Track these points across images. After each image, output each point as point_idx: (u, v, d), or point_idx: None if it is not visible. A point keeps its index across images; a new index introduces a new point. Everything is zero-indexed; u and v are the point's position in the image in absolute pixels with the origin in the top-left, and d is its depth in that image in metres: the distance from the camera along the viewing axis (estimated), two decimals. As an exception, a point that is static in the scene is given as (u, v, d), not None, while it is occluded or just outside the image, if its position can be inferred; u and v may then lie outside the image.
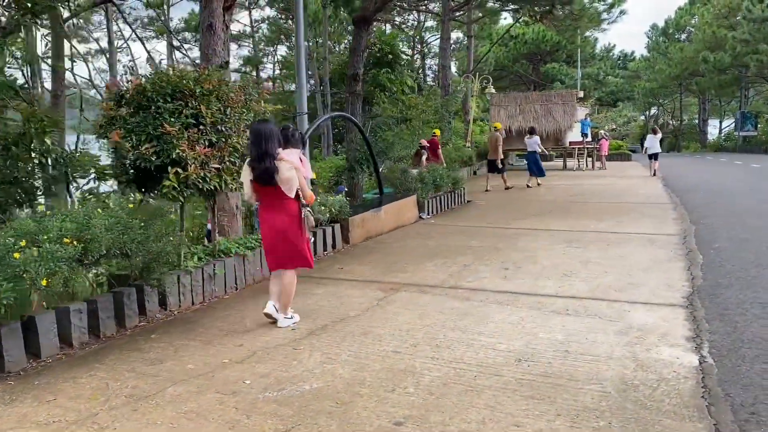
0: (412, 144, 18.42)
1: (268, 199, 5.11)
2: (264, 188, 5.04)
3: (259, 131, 4.98)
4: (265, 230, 5.18)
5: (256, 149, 4.94)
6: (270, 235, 5.15)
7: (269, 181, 4.96)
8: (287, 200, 5.06)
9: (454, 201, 13.58)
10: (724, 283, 6.26)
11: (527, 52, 52.68)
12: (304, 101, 10.25)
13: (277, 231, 5.10)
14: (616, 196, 14.72)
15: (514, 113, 26.23)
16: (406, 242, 9.10)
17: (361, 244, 9.06)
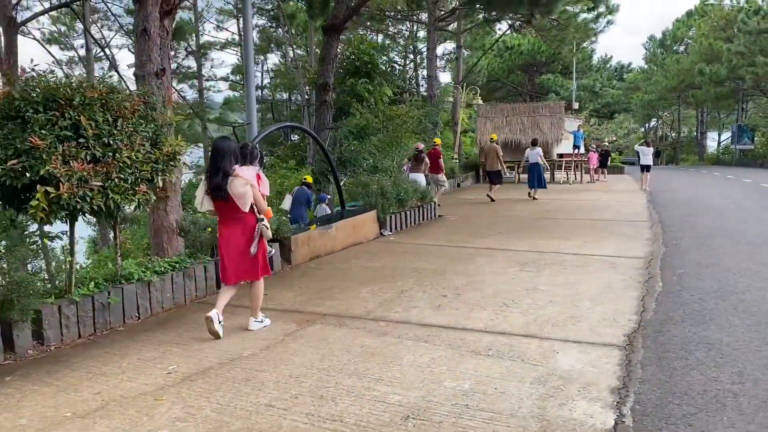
0: (390, 155, 17.89)
1: (224, 213, 5.33)
2: (219, 203, 5.26)
3: (216, 147, 5.28)
4: (223, 244, 5.40)
5: (212, 164, 5.21)
6: (227, 249, 5.37)
7: (221, 196, 5.18)
8: (242, 214, 5.26)
9: (424, 216, 13.00)
10: (675, 317, 5.66)
11: (522, 63, 52.26)
12: (253, 111, 9.70)
13: (234, 245, 5.33)
14: (594, 212, 14.12)
15: (501, 125, 25.71)
16: (351, 263, 8.50)
17: (304, 265, 8.47)
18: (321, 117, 14.69)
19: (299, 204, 12.65)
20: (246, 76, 9.72)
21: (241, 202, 5.17)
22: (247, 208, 5.23)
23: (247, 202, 5.19)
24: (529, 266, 8.03)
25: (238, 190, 5.13)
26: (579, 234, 10.80)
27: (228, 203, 5.21)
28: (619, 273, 7.56)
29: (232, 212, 5.26)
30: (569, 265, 8.09)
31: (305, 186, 12.93)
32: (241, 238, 5.31)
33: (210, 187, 5.20)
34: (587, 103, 50.44)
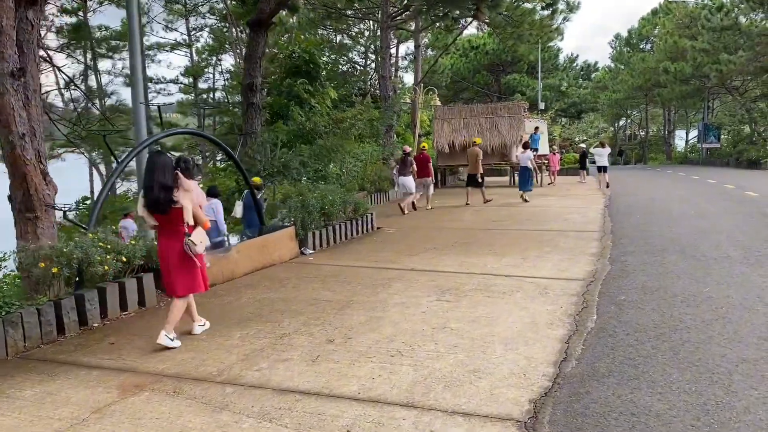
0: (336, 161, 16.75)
1: (163, 225, 5.44)
2: (158, 216, 5.38)
3: (153, 162, 5.38)
4: (161, 255, 5.55)
5: (147, 179, 5.32)
6: (166, 262, 5.51)
7: (159, 209, 5.31)
8: (179, 227, 5.40)
9: (358, 229, 11.84)
10: (601, 368, 4.56)
11: (488, 63, 51.53)
12: (141, 114, 8.45)
13: (169, 256, 5.45)
14: (544, 221, 13.07)
15: (459, 127, 24.65)
16: (243, 295, 7.29)
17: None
18: (249, 121, 13.50)
19: (250, 208, 11.53)
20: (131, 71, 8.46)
21: (185, 216, 5.36)
22: (191, 221, 5.38)
23: (190, 214, 5.37)
24: (449, 294, 6.89)
25: (184, 203, 5.33)
26: (520, 248, 9.73)
27: (167, 216, 5.36)
28: (550, 302, 6.46)
29: (169, 224, 5.41)
30: (495, 291, 6.98)
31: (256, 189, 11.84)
32: (174, 250, 5.41)
33: (147, 202, 5.31)
34: (553, 103, 49.83)
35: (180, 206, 5.31)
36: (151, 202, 5.27)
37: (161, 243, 5.50)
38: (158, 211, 5.31)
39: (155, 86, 33.83)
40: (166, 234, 5.45)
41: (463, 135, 24.39)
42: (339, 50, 35.69)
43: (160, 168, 5.29)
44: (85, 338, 5.67)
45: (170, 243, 5.41)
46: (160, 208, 5.28)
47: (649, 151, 60.30)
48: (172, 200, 5.28)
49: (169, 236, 5.43)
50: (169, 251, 5.42)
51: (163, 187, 5.24)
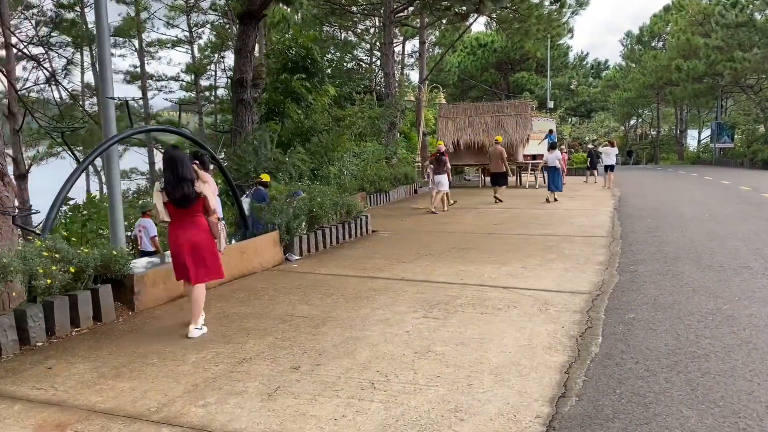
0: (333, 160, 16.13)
1: (180, 217, 5.63)
2: (177, 210, 5.59)
3: (174, 158, 5.52)
4: (180, 245, 5.64)
5: (173, 175, 5.48)
6: (186, 250, 5.64)
7: (186, 203, 5.55)
8: (199, 217, 5.69)
9: (351, 232, 11.17)
10: (605, 409, 3.87)
11: (496, 61, 50.71)
12: (110, 109, 7.80)
13: (194, 245, 5.64)
14: (549, 224, 12.35)
15: (464, 125, 23.95)
16: (210, 309, 6.59)
17: (149, 312, 6.57)
18: (239, 118, 12.84)
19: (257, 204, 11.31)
20: (99, 63, 7.81)
21: (210, 205, 5.70)
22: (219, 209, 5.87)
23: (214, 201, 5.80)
24: (437, 309, 6.21)
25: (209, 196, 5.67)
26: (521, 255, 9.02)
27: (188, 209, 5.60)
28: (550, 320, 5.77)
29: (189, 216, 5.64)
30: (490, 306, 6.29)
31: (261, 186, 11.69)
32: (199, 239, 5.67)
33: (176, 198, 5.51)
34: (563, 102, 48.96)
35: (203, 196, 5.62)
36: (181, 197, 5.50)
37: (180, 235, 5.64)
38: (184, 205, 5.56)
39: (156, 83, 33.28)
40: (184, 226, 5.64)
41: (468, 134, 23.71)
42: (343, 47, 34.94)
43: (182, 162, 5.51)
44: (22, 361, 5.03)
45: (193, 233, 5.64)
46: (188, 202, 5.55)
47: (661, 151, 59.21)
48: (197, 192, 5.55)
49: (188, 227, 5.64)
50: (194, 240, 5.63)
51: (188, 180, 5.49)
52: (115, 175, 8.00)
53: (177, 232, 5.68)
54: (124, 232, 8.22)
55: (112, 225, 8.10)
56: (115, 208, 8.06)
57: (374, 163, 20.16)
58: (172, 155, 5.57)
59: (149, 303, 6.67)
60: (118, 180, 8.04)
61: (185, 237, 5.63)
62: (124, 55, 31.11)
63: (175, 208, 5.59)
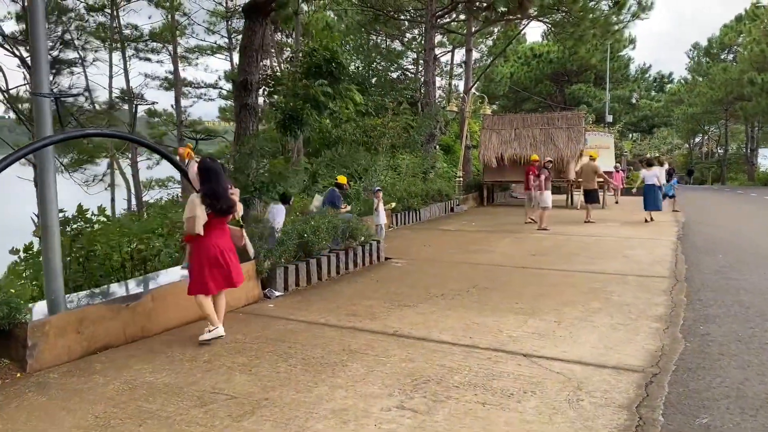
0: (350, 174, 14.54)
1: (216, 226, 5.70)
2: (218, 219, 5.70)
3: (218, 169, 5.74)
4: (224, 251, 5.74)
5: (219, 185, 5.64)
6: (224, 258, 5.71)
7: (229, 213, 5.80)
8: (226, 226, 5.93)
9: (357, 261, 9.45)
10: None
11: (552, 72, 48.33)
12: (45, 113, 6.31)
13: (231, 251, 5.84)
14: (596, 258, 10.31)
15: (509, 138, 21.96)
16: (113, 378, 4.96)
17: (50, 374, 4.97)
18: (242, 125, 11.32)
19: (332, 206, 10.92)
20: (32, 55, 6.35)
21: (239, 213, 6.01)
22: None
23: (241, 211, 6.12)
24: (422, 393, 4.40)
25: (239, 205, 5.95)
26: (557, 302, 7.10)
27: (224, 218, 5.79)
28: (581, 422, 3.89)
29: (221, 224, 5.81)
30: (498, 392, 4.44)
31: (337, 187, 11.66)
32: (232, 246, 5.93)
33: (223, 208, 5.65)
34: (622, 116, 46.12)
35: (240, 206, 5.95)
36: (227, 207, 5.69)
37: (219, 243, 5.69)
38: (227, 214, 5.75)
39: (196, 91, 32.42)
40: (222, 234, 5.77)
41: (513, 147, 21.71)
42: (387, 55, 33.43)
43: (222, 174, 5.73)
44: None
45: (228, 239, 5.85)
46: (231, 210, 5.77)
47: (728, 171, 55.30)
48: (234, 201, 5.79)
49: (224, 235, 5.80)
50: (230, 245, 5.85)
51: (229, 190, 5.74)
52: (48, 188, 6.48)
53: (217, 241, 5.69)
54: (61, 260, 6.72)
55: (45, 252, 6.59)
56: (49, 230, 6.54)
57: (410, 177, 18.46)
58: (215, 167, 5.70)
59: (50, 360, 5.09)
60: (53, 193, 6.53)
61: (225, 243, 5.77)
62: (162, 61, 30.01)
63: (215, 218, 5.62)
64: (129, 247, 11.22)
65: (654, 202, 15.83)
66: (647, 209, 15.97)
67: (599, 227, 14.58)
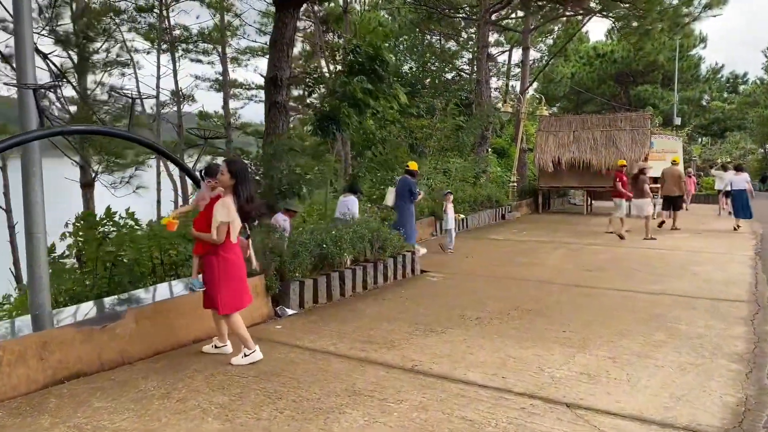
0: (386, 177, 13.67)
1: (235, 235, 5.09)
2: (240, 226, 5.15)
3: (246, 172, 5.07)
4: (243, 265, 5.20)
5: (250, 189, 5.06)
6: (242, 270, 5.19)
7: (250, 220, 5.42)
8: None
9: (388, 274, 8.52)
10: None
11: (616, 72, 46.06)
12: (28, 106, 5.66)
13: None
14: (661, 275, 9.04)
15: (567, 141, 20.57)
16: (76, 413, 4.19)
17: (6, 407, 4.26)
18: (272, 124, 10.60)
19: (403, 197, 10.68)
20: (17, 41, 5.72)
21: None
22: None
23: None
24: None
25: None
26: (611, 332, 5.99)
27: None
28: None
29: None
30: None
31: (409, 174, 10.95)
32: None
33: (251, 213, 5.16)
34: (692, 119, 43.56)
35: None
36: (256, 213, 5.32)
37: (238, 252, 5.14)
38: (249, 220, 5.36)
39: (246, 92, 32.21)
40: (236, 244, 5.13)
41: (572, 151, 20.31)
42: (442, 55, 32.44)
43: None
44: None
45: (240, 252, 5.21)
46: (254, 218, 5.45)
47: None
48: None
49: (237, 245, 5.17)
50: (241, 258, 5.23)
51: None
52: (34, 191, 5.84)
53: (238, 252, 5.15)
54: (48, 270, 6.06)
55: (29, 262, 5.94)
56: (34, 238, 5.89)
57: (459, 181, 17.42)
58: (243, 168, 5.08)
59: (2, 393, 4.36)
60: (39, 197, 5.87)
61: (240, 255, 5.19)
62: (213, 62, 29.85)
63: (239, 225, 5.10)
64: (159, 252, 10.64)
65: (745, 210, 15.02)
66: (738, 217, 15.15)
67: (664, 238, 13.16)
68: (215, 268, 5.01)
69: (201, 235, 5.08)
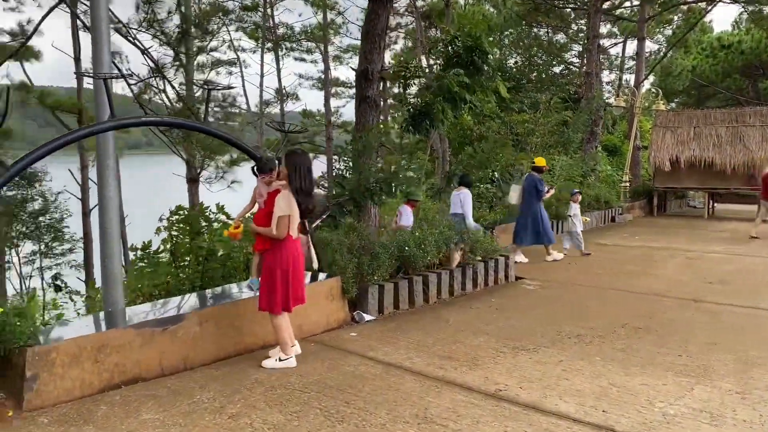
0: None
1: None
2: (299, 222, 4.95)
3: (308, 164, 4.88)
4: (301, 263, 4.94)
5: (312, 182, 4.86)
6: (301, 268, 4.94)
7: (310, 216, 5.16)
8: None
9: (478, 280, 7.84)
10: None
11: (743, 65, 42.27)
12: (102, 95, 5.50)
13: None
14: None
15: (686, 138, 18.85)
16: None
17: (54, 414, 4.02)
18: (362, 119, 10.17)
19: (530, 194, 10.21)
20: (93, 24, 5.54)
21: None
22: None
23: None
24: None
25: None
26: (737, 359, 5.04)
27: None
28: None
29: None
30: None
31: (535, 171, 10.46)
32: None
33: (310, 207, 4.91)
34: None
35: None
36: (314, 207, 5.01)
37: (298, 249, 4.88)
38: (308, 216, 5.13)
39: (349, 90, 32.22)
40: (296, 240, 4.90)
41: (692, 149, 18.57)
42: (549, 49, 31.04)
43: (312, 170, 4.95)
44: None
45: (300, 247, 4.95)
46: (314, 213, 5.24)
47: None
48: None
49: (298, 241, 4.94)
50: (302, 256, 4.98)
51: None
52: (108, 183, 5.69)
53: (298, 248, 4.90)
54: (121, 265, 5.92)
55: (103, 258, 5.81)
56: (108, 234, 5.75)
57: (564, 181, 16.34)
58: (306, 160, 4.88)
59: (57, 395, 4.15)
60: (113, 192, 5.72)
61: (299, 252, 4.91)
62: (316, 61, 30.07)
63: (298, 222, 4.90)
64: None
65: None
66: None
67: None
68: (263, 267, 4.85)
69: (261, 230, 4.87)
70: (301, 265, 4.97)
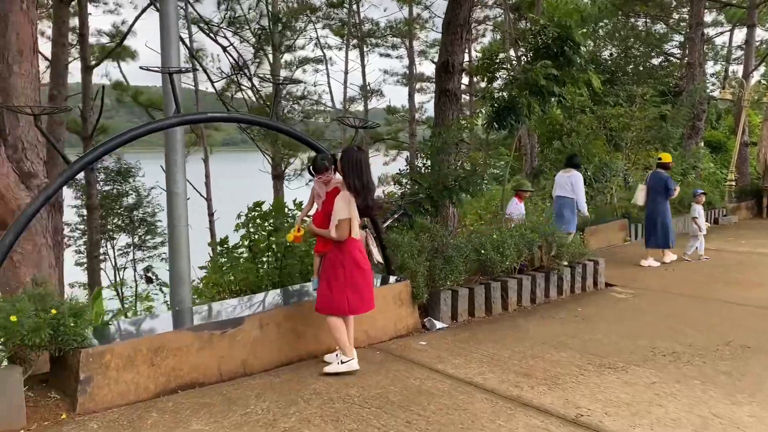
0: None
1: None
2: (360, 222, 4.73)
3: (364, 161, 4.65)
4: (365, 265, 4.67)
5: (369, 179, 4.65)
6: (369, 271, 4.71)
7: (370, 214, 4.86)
8: None
9: (563, 287, 7.28)
10: None
11: None
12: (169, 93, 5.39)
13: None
14: None
15: (802, 133, 17.21)
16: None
17: (107, 419, 3.90)
18: (441, 114, 9.80)
19: (656, 192, 9.54)
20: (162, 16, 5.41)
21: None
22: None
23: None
24: None
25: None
26: None
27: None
28: None
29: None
30: None
31: (662, 168, 9.77)
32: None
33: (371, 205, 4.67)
34: None
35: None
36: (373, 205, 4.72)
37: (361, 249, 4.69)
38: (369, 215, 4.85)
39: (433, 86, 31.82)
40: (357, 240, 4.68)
41: (807, 145, 16.95)
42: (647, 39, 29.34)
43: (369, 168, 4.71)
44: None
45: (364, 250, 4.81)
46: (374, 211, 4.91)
47: None
48: None
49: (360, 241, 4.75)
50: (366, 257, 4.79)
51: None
52: (175, 179, 5.61)
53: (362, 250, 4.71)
54: (189, 265, 5.81)
55: (171, 255, 5.75)
56: (176, 231, 5.67)
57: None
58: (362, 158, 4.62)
59: (111, 398, 4.03)
60: (181, 188, 5.63)
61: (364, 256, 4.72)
62: (401, 56, 29.79)
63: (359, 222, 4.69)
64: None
65: None
66: None
67: None
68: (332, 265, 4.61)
69: (320, 231, 4.68)
70: (367, 267, 4.72)
